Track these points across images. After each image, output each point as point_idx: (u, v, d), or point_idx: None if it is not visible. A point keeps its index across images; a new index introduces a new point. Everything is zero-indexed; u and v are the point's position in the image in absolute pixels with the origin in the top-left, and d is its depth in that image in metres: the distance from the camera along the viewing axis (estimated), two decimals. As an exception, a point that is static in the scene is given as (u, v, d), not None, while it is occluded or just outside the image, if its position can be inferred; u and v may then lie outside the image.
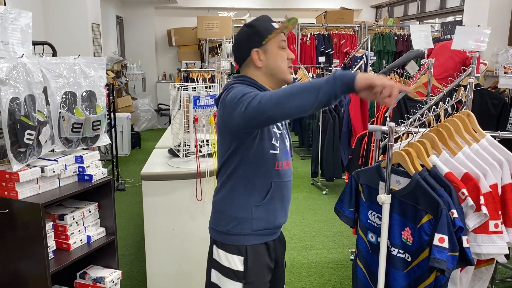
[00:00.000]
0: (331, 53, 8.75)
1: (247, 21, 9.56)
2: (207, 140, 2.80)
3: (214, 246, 1.73)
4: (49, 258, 2.05)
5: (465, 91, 2.21)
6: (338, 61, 6.18)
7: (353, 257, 3.50)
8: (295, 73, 7.50)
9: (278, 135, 1.69)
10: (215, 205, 1.76)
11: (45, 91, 2.14)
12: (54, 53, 2.68)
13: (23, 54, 2.04)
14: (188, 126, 2.73)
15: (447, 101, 2.11)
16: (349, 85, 1.31)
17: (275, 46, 1.66)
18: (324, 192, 5.14)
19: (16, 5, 2.19)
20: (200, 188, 2.63)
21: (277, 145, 1.67)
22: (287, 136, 1.78)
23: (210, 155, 2.76)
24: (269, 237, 1.73)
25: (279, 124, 1.71)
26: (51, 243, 2.13)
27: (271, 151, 1.65)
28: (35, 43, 2.40)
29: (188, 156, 2.78)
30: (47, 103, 2.16)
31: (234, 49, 1.72)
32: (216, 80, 6.70)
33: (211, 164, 2.68)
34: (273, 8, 11.24)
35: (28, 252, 2.04)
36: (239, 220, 1.67)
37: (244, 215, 1.66)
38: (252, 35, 1.65)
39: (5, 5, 2.16)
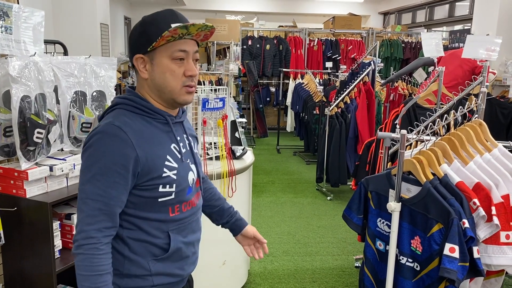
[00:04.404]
0: (338, 58, 8.75)
1: (254, 25, 9.65)
2: (214, 143, 2.79)
3: None
4: (55, 257, 2.04)
5: (476, 100, 2.20)
6: (345, 66, 6.17)
7: (357, 264, 3.50)
8: (302, 78, 7.49)
9: (174, 174, 1.30)
10: None
11: (55, 90, 2.14)
12: (65, 53, 2.69)
13: (35, 53, 2.04)
14: (196, 128, 2.72)
15: (459, 109, 2.10)
16: None
17: (166, 55, 1.27)
18: (329, 198, 5.11)
19: (26, 3, 2.19)
20: (207, 191, 2.61)
21: (172, 189, 1.30)
22: (194, 161, 1.40)
23: (217, 157, 2.75)
24: None
25: (176, 152, 1.33)
26: (58, 242, 2.12)
27: (161, 199, 1.29)
28: (46, 42, 2.40)
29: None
30: (58, 102, 2.16)
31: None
32: (223, 83, 6.70)
33: (219, 166, 2.67)
34: (281, 12, 11.26)
35: (34, 250, 2.03)
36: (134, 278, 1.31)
37: (140, 272, 1.30)
38: (140, 36, 1.28)
39: (18, 3, 2.17)
